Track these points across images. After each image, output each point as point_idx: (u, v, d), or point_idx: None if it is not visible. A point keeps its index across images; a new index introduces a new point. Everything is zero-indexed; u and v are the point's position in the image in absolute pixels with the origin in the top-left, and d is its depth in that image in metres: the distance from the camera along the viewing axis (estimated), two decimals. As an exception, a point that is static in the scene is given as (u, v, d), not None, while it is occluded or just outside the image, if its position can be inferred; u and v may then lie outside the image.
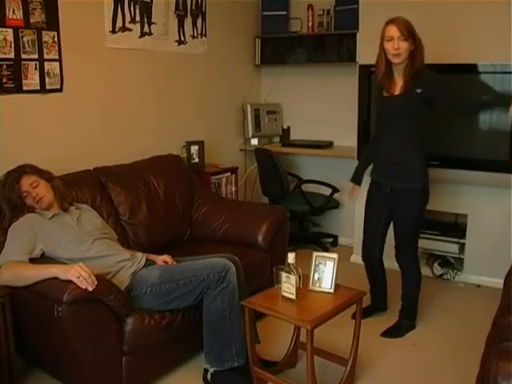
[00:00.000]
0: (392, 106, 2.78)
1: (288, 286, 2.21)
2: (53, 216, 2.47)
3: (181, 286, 2.35)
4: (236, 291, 2.38)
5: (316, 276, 2.35)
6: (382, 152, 2.86)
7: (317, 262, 2.35)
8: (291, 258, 2.23)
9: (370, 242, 3.04)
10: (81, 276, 2.03)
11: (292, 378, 2.42)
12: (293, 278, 2.19)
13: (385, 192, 2.87)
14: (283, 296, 2.25)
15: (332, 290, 2.32)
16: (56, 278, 2.08)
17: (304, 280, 2.33)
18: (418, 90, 2.65)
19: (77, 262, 2.17)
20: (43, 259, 2.32)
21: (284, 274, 2.22)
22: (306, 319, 2.11)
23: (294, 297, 2.21)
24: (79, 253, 2.36)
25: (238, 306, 2.36)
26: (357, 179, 3.08)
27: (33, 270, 2.15)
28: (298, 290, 2.21)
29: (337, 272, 2.32)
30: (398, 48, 2.62)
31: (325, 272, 2.33)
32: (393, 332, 2.97)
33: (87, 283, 2.04)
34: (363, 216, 3.08)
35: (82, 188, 2.85)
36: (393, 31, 2.63)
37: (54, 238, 2.37)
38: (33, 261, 2.26)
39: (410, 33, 2.62)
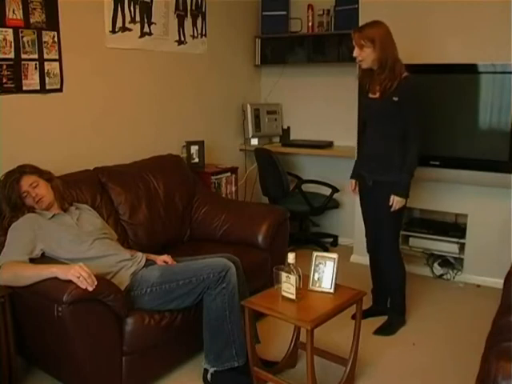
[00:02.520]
0: (371, 108, 2.92)
1: (288, 285, 2.21)
2: (53, 216, 2.47)
3: (181, 286, 2.35)
4: (236, 291, 2.38)
5: (316, 276, 2.34)
6: (364, 148, 3.01)
7: (317, 262, 2.35)
8: (291, 258, 2.23)
9: (371, 236, 3.10)
10: (81, 276, 2.03)
11: (292, 378, 2.42)
12: (293, 278, 2.19)
13: (369, 185, 2.95)
14: (283, 296, 2.25)
15: (332, 290, 2.31)
16: (56, 278, 2.07)
17: (304, 280, 2.33)
18: (395, 98, 2.73)
19: (77, 261, 2.17)
20: (43, 259, 2.31)
21: (284, 274, 2.22)
22: (306, 319, 2.11)
23: (293, 297, 2.21)
24: (79, 253, 2.36)
25: (238, 306, 2.36)
26: (355, 174, 3.12)
27: (33, 270, 2.15)
28: (297, 289, 2.21)
29: (337, 272, 2.32)
30: (356, 55, 2.78)
31: (325, 272, 2.33)
32: (384, 329, 2.97)
33: (87, 283, 2.03)
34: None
35: (82, 188, 2.85)
36: (353, 40, 2.77)
37: (53, 237, 2.37)
38: (33, 261, 2.26)
39: (369, 40, 2.70)
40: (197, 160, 3.84)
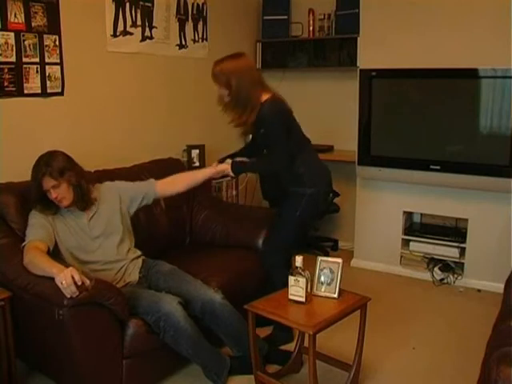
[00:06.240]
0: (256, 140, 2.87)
1: (297, 289, 2.21)
2: (67, 212, 2.47)
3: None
4: (180, 334, 2.31)
5: (320, 281, 2.33)
6: None
7: (321, 267, 2.34)
8: (299, 261, 2.22)
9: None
10: (64, 282, 1.99)
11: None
12: (302, 281, 2.19)
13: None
14: (290, 299, 2.24)
15: (336, 295, 2.30)
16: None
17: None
18: (262, 130, 2.66)
19: (80, 263, 2.18)
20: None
21: (292, 278, 2.22)
22: (309, 324, 2.11)
23: (303, 299, 2.21)
24: (82, 259, 2.42)
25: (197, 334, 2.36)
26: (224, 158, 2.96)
27: (42, 264, 2.13)
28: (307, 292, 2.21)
29: (341, 276, 2.31)
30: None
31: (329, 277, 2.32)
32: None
33: (70, 291, 1.98)
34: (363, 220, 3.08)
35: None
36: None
37: (60, 237, 2.42)
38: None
39: (223, 82, 2.74)
40: (197, 164, 3.83)
